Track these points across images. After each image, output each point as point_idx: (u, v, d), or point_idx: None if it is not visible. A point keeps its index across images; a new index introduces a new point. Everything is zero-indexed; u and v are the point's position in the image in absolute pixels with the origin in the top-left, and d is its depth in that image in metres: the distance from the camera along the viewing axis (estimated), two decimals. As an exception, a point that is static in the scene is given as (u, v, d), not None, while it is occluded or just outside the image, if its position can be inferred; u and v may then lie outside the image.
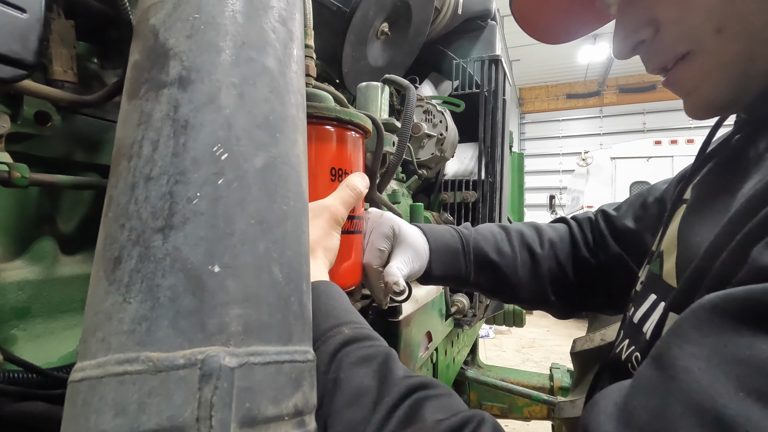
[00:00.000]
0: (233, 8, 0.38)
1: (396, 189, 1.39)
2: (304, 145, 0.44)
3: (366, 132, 0.75)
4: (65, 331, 0.56)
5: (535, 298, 0.80)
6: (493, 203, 1.66)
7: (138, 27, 0.40)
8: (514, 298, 0.82)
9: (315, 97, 0.68)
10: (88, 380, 0.30)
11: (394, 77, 0.98)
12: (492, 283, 0.79)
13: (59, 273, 0.57)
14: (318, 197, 0.65)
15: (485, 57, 1.69)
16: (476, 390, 2.43)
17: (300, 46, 0.45)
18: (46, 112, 0.54)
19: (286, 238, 0.37)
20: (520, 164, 3.17)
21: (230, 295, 0.32)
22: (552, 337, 6.45)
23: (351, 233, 0.70)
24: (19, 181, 0.47)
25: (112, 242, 0.33)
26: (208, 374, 0.29)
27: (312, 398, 0.36)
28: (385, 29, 1.33)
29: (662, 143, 6.91)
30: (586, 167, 7.35)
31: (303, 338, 0.37)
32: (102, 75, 0.64)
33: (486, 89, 1.66)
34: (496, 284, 0.79)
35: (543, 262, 0.79)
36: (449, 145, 1.61)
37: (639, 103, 13.20)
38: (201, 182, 0.33)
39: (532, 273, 0.79)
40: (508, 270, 0.78)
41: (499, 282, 0.79)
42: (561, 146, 14.20)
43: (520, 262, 0.79)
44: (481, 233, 0.81)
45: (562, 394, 2.31)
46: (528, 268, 0.79)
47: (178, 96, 0.35)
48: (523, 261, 0.79)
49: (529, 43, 10.97)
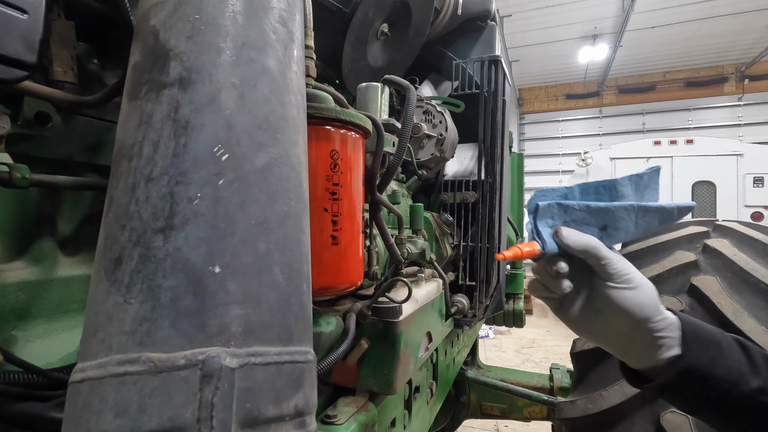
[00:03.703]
0: (234, 9, 0.38)
1: (396, 189, 1.39)
2: (304, 145, 0.44)
3: (366, 132, 0.75)
4: (65, 332, 0.56)
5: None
6: (492, 204, 1.66)
7: (138, 28, 0.40)
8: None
9: (315, 97, 0.68)
10: (88, 381, 0.30)
11: (393, 78, 0.98)
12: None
13: (59, 274, 0.57)
14: (318, 198, 0.65)
15: (485, 57, 1.69)
16: (476, 390, 2.43)
17: (300, 46, 0.45)
18: (46, 113, 0.54)
19: (287, 239, 0.37)
20: (519, 165, 3.17)
21: (231, 295, 0.32)
22: (552, 338, 6.45)
23: (351, 234, 0.70)
24: (19, 182, 0.47)
25: (112, 243, 0.33)
26: (208, 375, 0.29)
27: (312, 398, 0.36)
28: (384, 30, 1.33)
29: (662, 144, 6.92)
30: (586, 168, 7.36)
31: (303, 339, 0.37)
32: (102, 76, 0.64)
33: (486, 90, 1.66)
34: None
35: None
36: (449, 146, 1.61)
37: (638, 104, 13.20)
38: (202, 183, 0.33)
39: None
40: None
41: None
42: (560, 147, 14.20)
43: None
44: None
45: (562, 395, 2.31)
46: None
47: (178, 97, 0.35)
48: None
49: (528, 44, 10.98)
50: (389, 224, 1.19)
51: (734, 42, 10.89)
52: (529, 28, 10.31)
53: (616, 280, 0.53)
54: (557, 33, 10.62)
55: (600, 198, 0.56)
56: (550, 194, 0.55)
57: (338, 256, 0.68)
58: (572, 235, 0.53)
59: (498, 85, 1.68)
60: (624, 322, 0.54)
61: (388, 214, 1.20)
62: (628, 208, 0.55)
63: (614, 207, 0.54)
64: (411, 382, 1.07)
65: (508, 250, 0.54)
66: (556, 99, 14.44)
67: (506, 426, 3.65)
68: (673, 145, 6.83)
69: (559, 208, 0.54)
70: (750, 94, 11.99)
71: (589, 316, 0.56)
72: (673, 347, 0.54)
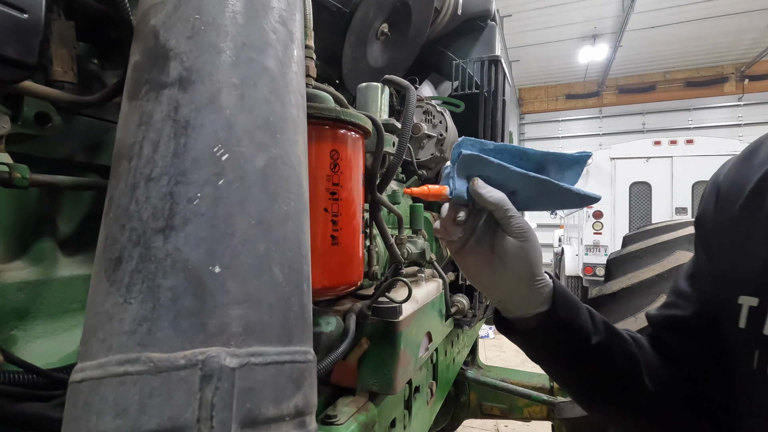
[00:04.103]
0: (234, 9, 0.38)
1: (396, 189, 1.39)
2: (304, 145, 0.44)
3: (366, 132, 0.75)
4: (65, 332, 0.56)
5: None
6: (492, 204, 1.66)
7: (138, 28, 0.40)
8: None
9: (315, 97, 0.68)
10: (88, 381, 0.30)
11: (393, 78, 0.98)
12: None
13: (59, 274, 0.57)
14: (318, 198, 0.65)
15: (485, 57, 1.69)
16: (476, 390, 2.43)
17: (300, 46, 0.45)
18: (46, 113, 0.54)
19: (287, 239, 0.37)
20: (519, 165, 3.17)
21: (231, 295, 0.32)
22: (552, 338, 6.45)
23: (351, 234, 0.70)
24: (19, 182, 0.47)
25: (112, 243, 0.33)
26: (208, 375, 0.29)
27: (312, 398, 0.36)
28: (384, 30, 1.33)
29: (662, 144, 6.92)
30: (586, 168, 7.36)
31: (303, 338, 0.37)
32: (102, 76, 0.64)
33: (486, 90, 1.67)
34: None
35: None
36: (449, 146, 1.62)
37: (638, 104, 13.22)
38: (202, 183, 0.33)
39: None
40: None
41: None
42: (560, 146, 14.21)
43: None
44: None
45: (562, 395, 2.31)
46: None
47: (178, 97, 0.35)
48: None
49: (528, 44, 10.99)
50: (389, 224, 1.19)
51: (734, 42, 10.89)
52: (529, 28, 10.31)
53: (517, 234, 0.58)
54: (557, 33, 10.62)
55: (520, 164, 0.59)
56: (477, 145, 0.57)
57: (338, 256, 0.68)
58: (486, 188, 0.57)
59: (498, 85, 1.68)
60: (513, 275, 0.60)
61: (388, 214, 1.20)
62: (542, 181, 0.58)
63: (530, 176, 0.57)
64: (411, 382, 1.07)
65: (417, 188, 0.58)
66: (556, 99, 14.45)
67: (506, 426, 3.65)
68: (673, 145, 6.82)
69: (479, 161, 0.56)
70: (750, 94, 12.00)
71: (483, 265, 0.61)
72: (546, 303, 0.62)
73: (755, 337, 0.50)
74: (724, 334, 0.57)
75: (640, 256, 2.27)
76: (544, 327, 0.62)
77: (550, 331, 0.62)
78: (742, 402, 0.55)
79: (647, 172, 6.87)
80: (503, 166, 0.56)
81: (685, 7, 9.30)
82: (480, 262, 0.61)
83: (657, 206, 6.73)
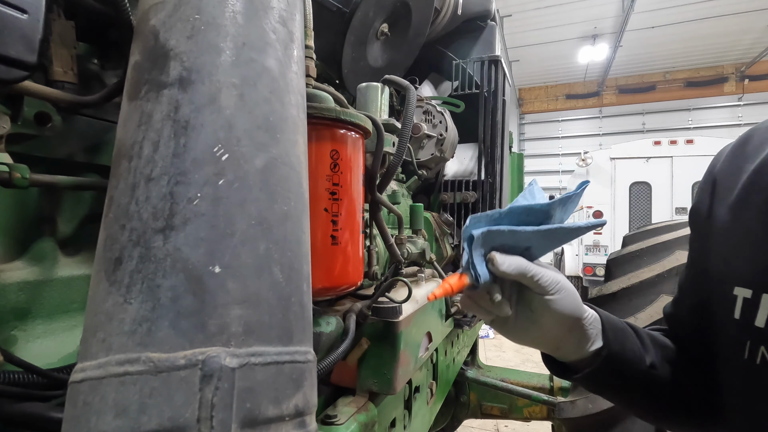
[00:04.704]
0: (233, 9, 0.38)
1: (396, 189, 1.39)
2: (304, 145, 0.44)
3: (366, 132, 0.75)
4: (65, 332, 0.56)
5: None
6: (492, 204, 1.66)
7: (138, 28, 0.40)
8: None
9: (315, 97, 0.68)
10: (88, 381, 0.30)
11: (393, 78, 0.98)
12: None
13: (59, 274, 0.57)
14: (318, 198, 0.65)
15: (485, 57, 1.69)
16: (476, 390, 2.43)
17: (300, 46, 0.45)
18: (46, 113, 0.54)
19: (287, 239, 0.37)
20: (519, 165, 3.17)
21: (231, 295, 0.32)
22: (552, 338, 6.44)
23: (351, 234, 0.70)
24: (19, 182, 0.47)
25: (112, 243, 0.33)
26: (208, 375, 0.29)
27: (312, 398, 0.36)
28: (384, 30, 1.33)
29: (662, 144, 6.92)
30: (586, 168, 7.36)
31: (303, 338, 0.37)
32: (102, 76, 0.64)
33: (486, 90, 1.66)
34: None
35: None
36: (449, 146, 1.62)
37: (638, 104, 13.22)
38: (202, 183, 0.33)
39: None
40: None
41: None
42: (560, 147, 14.21)
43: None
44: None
45: (562, 395, 2.31)
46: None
47: (178, 97, 0.35)
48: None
49: (528, 44, 10.98)
50: (389, 224, 1.19)
51: (734, 42, 10.89)
52: (529, 28, 10.31)
53: (549, 290, 0.56)
54: (557, 33, 10.62)
55: (529, 220, 0.59)
56: (483, 219, 0.57)
57: (338, 256, 0.68)
58: (505, 261, 0.55)
59: (498, 85, 1.68)
60: (559, 325, 0.58)
61: (388, 214, 1.20)
62: (554, 230, 0.58)
63: (540, 231, 0.57)
64: (411, 382, 1.07)
65: (438, 288, 0.55)
66: (556, 99, 14.45)
67: (506, 426, 3.65)
68: (673, 145, 6.82)
69: (489, 234, 0.56)
70: (750, 94, 11.99)
71: (526, 326, 0.60)
72: (598, 338, 0.61)
73: (747, 329, 0.50)
74: (720, 325, 0.57)
75: (640, 256, 2.27)
76: (604, 364, 0.60)
77: (610, 366, 0.61)
78: (733, 392, 0.56)
79: (647, 172, 6.87)
80: (515, 231, 0.56)
81: (685, 7, 9.30)
82: (525, 326, 0.60)
83: (657, 206, 6.74)
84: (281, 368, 0.33)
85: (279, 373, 0.33)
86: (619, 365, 0.61)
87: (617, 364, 0.61)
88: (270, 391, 0.32)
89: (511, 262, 0.55)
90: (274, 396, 0.32)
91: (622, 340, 0.62)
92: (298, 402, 0.34)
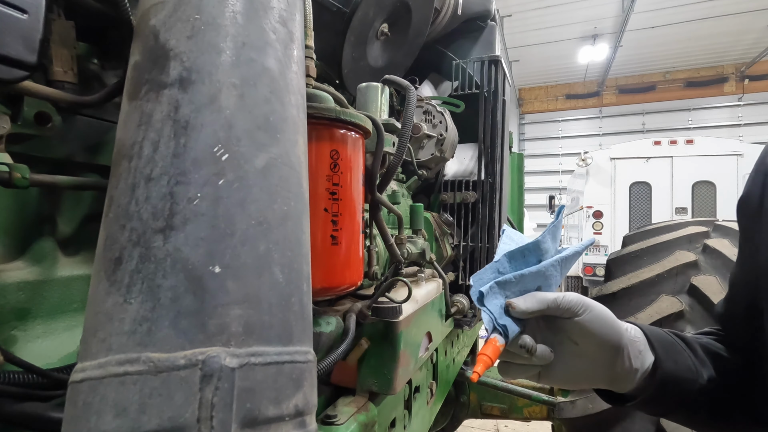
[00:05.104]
0: (234, 9, 0.38)
1: (396, 189, 1.39)
2: (304, 145, 0.44)
3: (366, 132, 0.75)
4: (65, 332, 0.56)
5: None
6: (492, 204, 1.66)
7: (138, 28, 0.40)
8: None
9: (315, 97, 0.68)
10: (88, 381, 0.30)
11: (393, 78, 0.98)
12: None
13: (59, 274, 0.57)
14: (318, 198, 0.65)
15: (485, 57, 1.69)
16: (476, 390, 2.43)
17: (300, 46, 0.45)
18: (46, 113, 0.54)
19: (287, 239, 0.37)
20: (519, 165, 3.17)
21: (231, 295, 0.32)
22: (552, 338, 6.44)
23: (351, 234, 0.70)
24: (19, 182, 0.47)
25: (112, 243, 0.33)
26: (208, 375, 0.29)
27: (312, 398, 0.36)
28: (384, 30, 1.33)
29: (662, 144, 6.92)
30: (586, 168, 7.36)
31: (303, 338, 0.37)
32: (102, 76, 0.64)
33: (486, 90, 1.66)
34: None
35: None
36: (449, 146, 1.61)
37: (638, 104, 13.23)
38: (202, 183, 0.33)
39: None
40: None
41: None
42: (560, 147, 14.22)
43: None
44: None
45: (562, 395, 2.31)
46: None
47: (178, 97, 0.35)
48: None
49: (528, 44, 10.99)
50: (389, 224, 1.19)
51: (734, 42, 10.90)
52: (529, 28, 10.32)
53: (578, 312, 0.55)
54: (557, 33, 10.63)
55: (528, 260, 0.60)
56: (485, 275, 0.58)
57: (338, 256, 0.68)
58: (524, 303, 0.55)
59: (498, 85, 1.68)
60: (602, 348, 0.55)
61: (388, 214, 1.20)
62: (555, 264, 0.59)
63: (544, 268, 0.58)
64: (411, 382, 1.07)
65: (478, 365, 0.53)
66: (556, 99, 14.45)
67: (506, 426, 3.65)
68: (673, 145, 6.82)
69: (499, 286, 0.57)
70: (750, 94, 12.00)
71: (571, 362, 0.57)
72: (647, 352, 0.57)
73: None
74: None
75: (640, 256, 2.27)
76: (659, 386, 0.57)
77: (666, 387, 0.57)
78: None
79: (647, 172, 6.87)
80: (521, 275, 0.57)
81: (685, 7, 9.30)
82: (570, 363, 0.57)
83: (657, 206, 6.74)
84: (281, 368, 0.33)
85: (279, 373, 0.33)
86: (674, 386, 0.57)
87: (673, 385, 0.57)
88: (270, 391, 0.32)
89: (529, 299, 0.55)
90: (274, 396, 0.32)
91: (674, 356, 0.58)
92: (298, 402, 0.34)
